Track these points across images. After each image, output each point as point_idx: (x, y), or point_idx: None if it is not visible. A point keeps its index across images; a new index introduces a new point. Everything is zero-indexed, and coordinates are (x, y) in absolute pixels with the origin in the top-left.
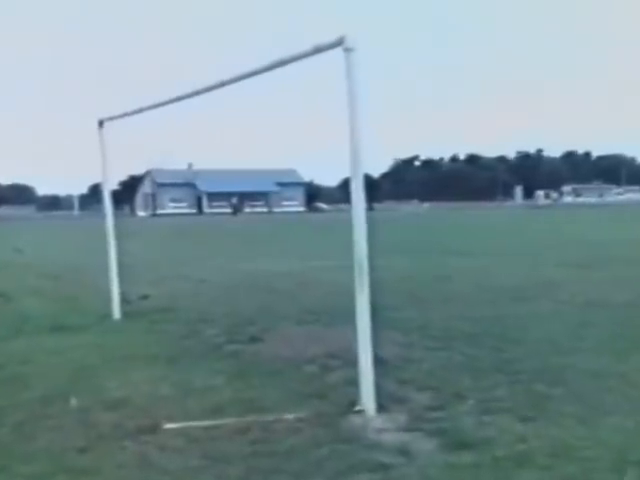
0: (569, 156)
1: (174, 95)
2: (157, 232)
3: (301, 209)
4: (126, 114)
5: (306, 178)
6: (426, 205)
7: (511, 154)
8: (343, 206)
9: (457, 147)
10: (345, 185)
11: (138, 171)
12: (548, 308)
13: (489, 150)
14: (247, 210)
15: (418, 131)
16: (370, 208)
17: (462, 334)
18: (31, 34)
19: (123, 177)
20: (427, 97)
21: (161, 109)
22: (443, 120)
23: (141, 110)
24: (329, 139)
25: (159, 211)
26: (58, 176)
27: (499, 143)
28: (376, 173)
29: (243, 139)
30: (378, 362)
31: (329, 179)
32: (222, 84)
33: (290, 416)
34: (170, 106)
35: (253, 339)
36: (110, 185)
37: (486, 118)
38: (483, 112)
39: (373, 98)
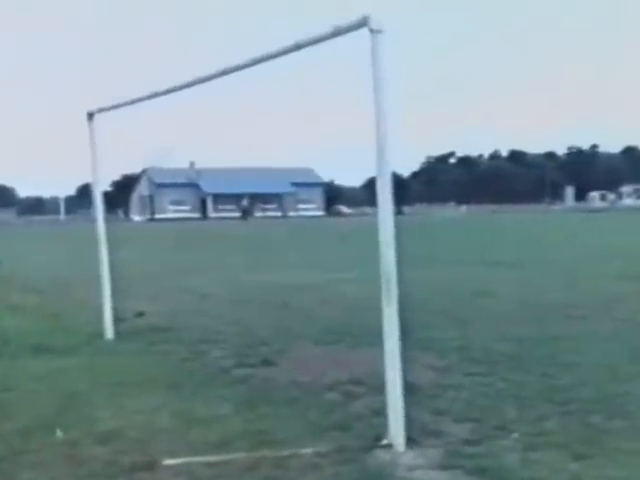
0: (629, 152)
1: (172, 84)
2: (155, 239)
3: (319, 213)
4: (119, 105)
5: (325, 178)
6: (463, 208)
7: (561, 150)
8: (367, 209)
9: (498, 142)
10: (370, 185)
11: (133, 170)
12: (606, 328)
13: (535, 145)
14: (258, 214)
15: (454, 124)
16: (399, 212)
17: (506, 357)
18: (8, 18)
19: (116, 177)
20: (464, 86)
21: (160, 101)
22: (482, 111)
23: (136, 101)
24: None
25: (157, 215)
26: (42, 176)
27: (547, 137)
28: (406, 172)
29: (252, 134)
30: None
31: (351, 179)
32: (224, 72)
33: (307, 451)
34: (169, 98)
35: (265, 362)
36: (101, 186)
37: (532, 109)
38: (528, 102)
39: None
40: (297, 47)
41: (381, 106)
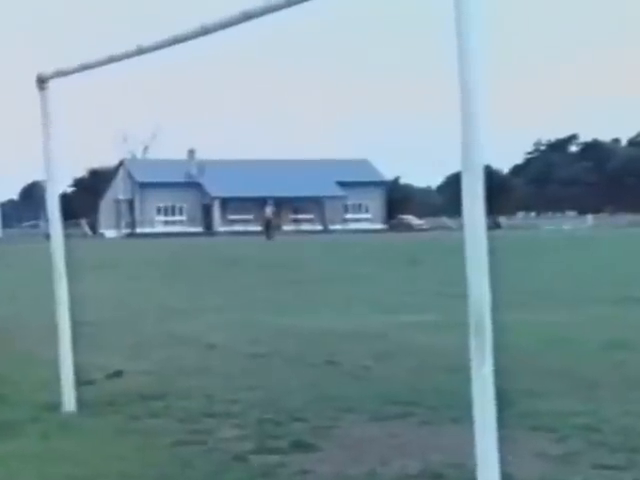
0: None
1: (154, 41)
2: (137, 264)
3: (378, 226)
4: (84, 67)
5: (387, 174)
6: (589, 220)
7: None
8: (448, 221)
9: None
10: (451, 186)
11: (105, 163)
12: None
13: None
14: (288, 227)
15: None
16: (494, 225)
17: None
18: None
19: (79, 173)
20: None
21: (145, 68)
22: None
23: (107, 62)
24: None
25: (140, 229)
26: None
27: None
28: (505, 166)
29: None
30: None
31: (424, 176)
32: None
33: None
34: (159, 65)
35: (300, 446)
36: (58, 186)
37: None
38: None
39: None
40: None
41: (468, 75)
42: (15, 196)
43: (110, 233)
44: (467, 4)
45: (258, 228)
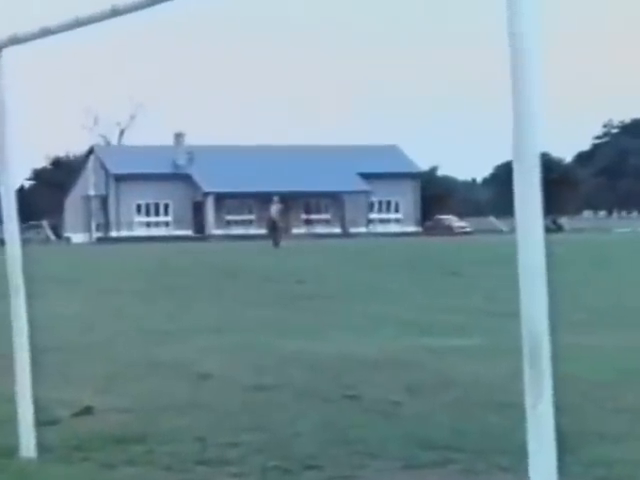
0: None
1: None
2: (112, 276)
3: (410, 228)
4: (45, 32)
5: (421, 164)
6: None
7: None
8: (495, 222)
9: None
10: (499, 179)
11: (71, 150)
12: None
13: None
14: (299, 231)
15: None
16: (554, 227)
17: None
18: None
19: (39, 163)
20: None
21: (117, 33)
22: None
23: (73, 26)
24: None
25: (116, 232)
26: None
27: None
28: (567, 154)
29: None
30: None
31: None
32: None
33: None
34: (136, 30)
35: None
36: (13, 179)
37: None
38: None
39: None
40: None
41: (521, 41)
42: None
43: (78, 237)
44: None
45: (262, 231)
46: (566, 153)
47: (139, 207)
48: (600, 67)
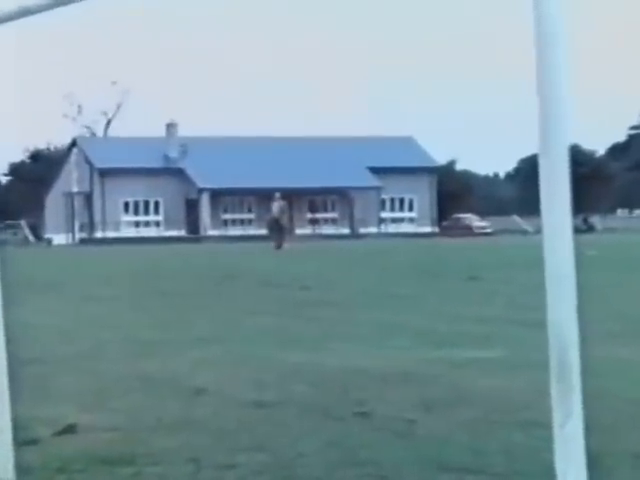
0: None
1: None
2: (97, 281)
3: (426, 229)
4: (23, 12)
5: (438, 158)
6: None
7: None
8: (520, 221)
9: None
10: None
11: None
12: None
13: None
14: (303, 231)
15: None
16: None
17: None
18: None
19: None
20: None
21: (104, 13)
22: None
23: (54, 5)
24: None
25: (101, 233)
26: None
27: None
28: (600, 146)
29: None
30: None
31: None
32: None
33: None
34: (124, 10)
35: None
36: None
37: None
38: None
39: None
40: None
41: (547, 23)
42: None
43: (60, 238)
44: None
45: (262, 231)
46: (598, 145)
47: (127, 205)
48: (637, 50)
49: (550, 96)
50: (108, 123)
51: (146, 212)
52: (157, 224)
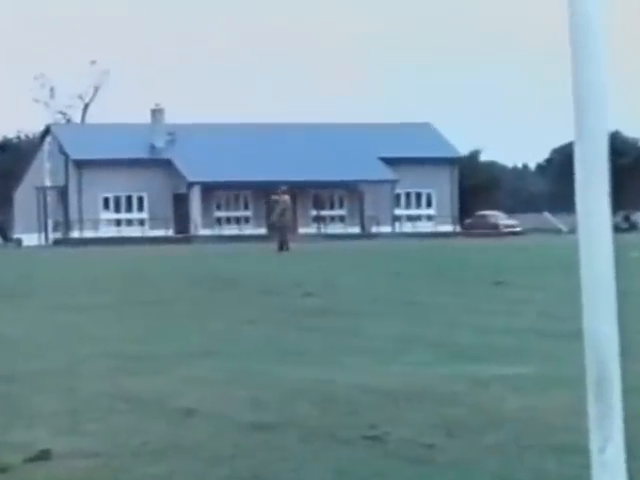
0: None
1: None
2: (73, 288)
3: (446, 227)
4: None
5: (460, 147)
6: None
7: None
8: (552, 219)
9: None
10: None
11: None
12: None
13: None
14: (307, 231)
15: None
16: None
17: None
18: None
19: None
20: None
21: None
22: None
23: None
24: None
25: (78, 232)
26: None
27: None
28: None
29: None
30: None
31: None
32: None
33: None
34: None
35: None
36: None
37: None
38: None
39: None
40: None
41: None
42: None
43: (31, 239)
44: None
45: (260, 231)
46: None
47: (107, 201)
48: None
49: (586, 78)
50: (85, 108)
51: (129, 209)
52: (141, 222)
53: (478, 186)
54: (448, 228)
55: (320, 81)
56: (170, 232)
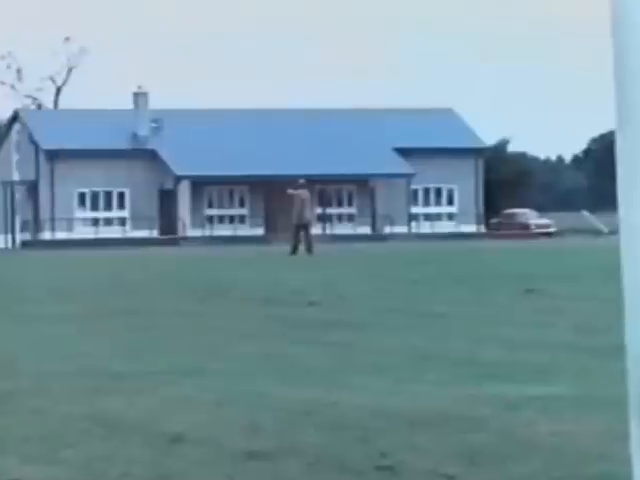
0: None
1: None
2: (44, 296)
3: (470, 227)
4: None
5: (485, 137)
6: None
7: None
8: (590, 218)
9: None
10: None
11: None
12: None
13: None
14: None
15: None
16: None
17: None
18: None
19: None
20: None
21: None
22: None
23: None
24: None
25: (49, 233)
26: None
27: None
28: None
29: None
30: None
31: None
32: None
33: None
34: None
35: None
36: None
37: None
38: None
39: None
40: None
41: None
42: None
43: None
44: None
45: (257, 231)
46: None
47: (82, 197)
48: None
49: (630, 61)
50: (58, 92)
51: (108, 207)
52: (122, 222)
53: (506, 181)
54: (472, 228)
55: (328, 62)
56: (155, 233)
